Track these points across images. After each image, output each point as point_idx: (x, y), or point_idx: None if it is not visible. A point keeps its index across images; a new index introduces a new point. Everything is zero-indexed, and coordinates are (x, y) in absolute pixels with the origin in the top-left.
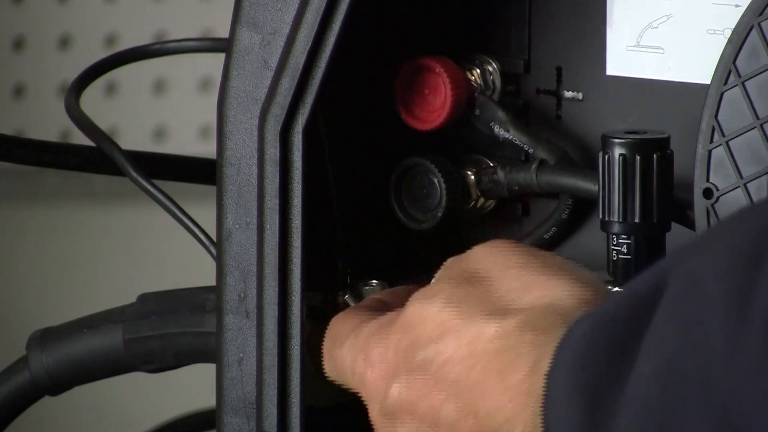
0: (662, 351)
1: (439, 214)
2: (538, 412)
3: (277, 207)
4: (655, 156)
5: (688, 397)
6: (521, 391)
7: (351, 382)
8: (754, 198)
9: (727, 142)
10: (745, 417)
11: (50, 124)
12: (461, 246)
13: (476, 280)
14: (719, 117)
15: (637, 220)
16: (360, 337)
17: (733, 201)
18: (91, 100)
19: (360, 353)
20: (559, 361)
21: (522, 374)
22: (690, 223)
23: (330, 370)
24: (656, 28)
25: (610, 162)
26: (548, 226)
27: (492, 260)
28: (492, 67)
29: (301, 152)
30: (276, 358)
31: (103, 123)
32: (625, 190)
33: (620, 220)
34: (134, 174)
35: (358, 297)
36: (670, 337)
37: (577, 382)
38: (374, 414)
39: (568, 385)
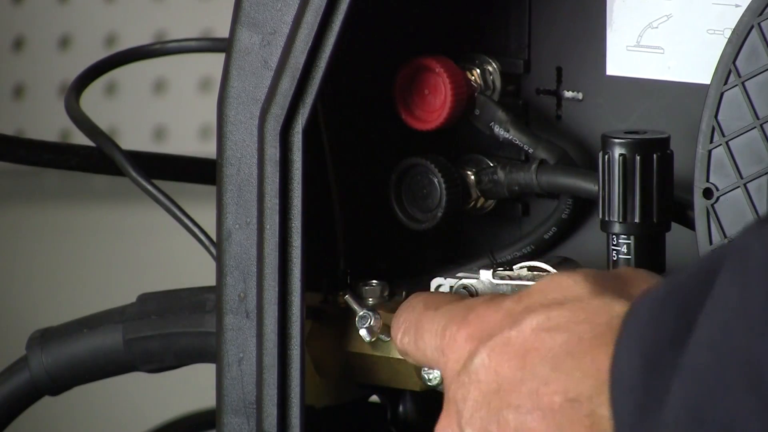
0: (717, 320)
1: (439, 214)
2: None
3: (277, 207)
4: (655, 156)
5: (734, 367)
6: (594, 363)
7: (433, 344)
8: (754, 198)
9: (727, 142)
10: None
11: (50, 124)
12: (461, 246)
13: (616, 277)
14: (719, 117)
15: (637, 220)
16: (464, 303)
17: (733, 201)
18: (91, 100)
19: (462, 314)
20: (628, 324)
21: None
22: (690, 223)
23: (410, 333)
24: (656, 28)
25: (610, 162)
26: (548, 226)
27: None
28: (492, 67)
29: (301, 152)
30: (276, 358)
31: (103, 123)
32: (625, 190)
33: (620, 220)
34: (134, 174)
35: (358, 297)
36: (724, 306)
37: (639, 344)
38: (451, 374)
39: (631, 345)
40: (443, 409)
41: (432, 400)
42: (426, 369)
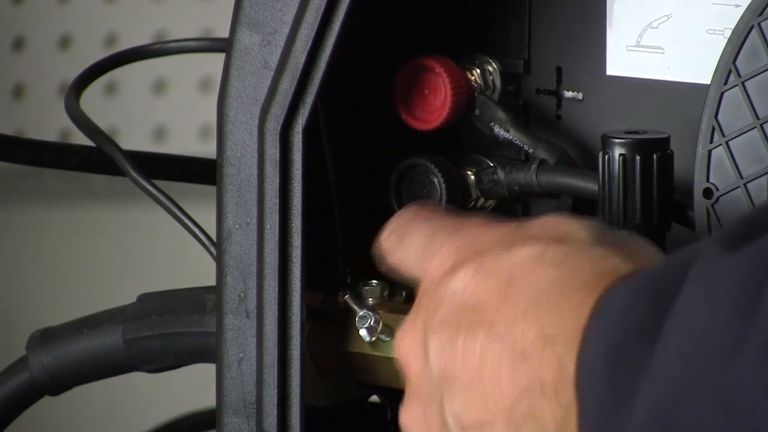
0: (687, 330)
1: None
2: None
3: (277, 207)
4: (655, 156)
5: (703, 381)
6: (577, 308)
7: (417, 247)
8: (754, 198)
9: (727, 142)
10: (749, 406)
11: (50, 124)
12: None
13: (617, 236)
14: (719, 117)
15: (637, 220)
16: (457, 218)
17: (733, 201)
18: (91, 100)
19: (454, 226)
20: (600, 310)
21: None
22: (690, 223)
23: (396, 242)
24: (656, 28)
25: (610, 162)
26: None
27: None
28: (492, 67)
29: (301, 152)
30: (276, 358)
31: (103, 123)
32: (625, 190)
33: (620, 220)
34: (134, 174)
35: (358, 297)
36: (694, 321)
37: (609, 332)
38: (428, 282)
39: (601, 333)
40: (410, 315)
41: None
42: None
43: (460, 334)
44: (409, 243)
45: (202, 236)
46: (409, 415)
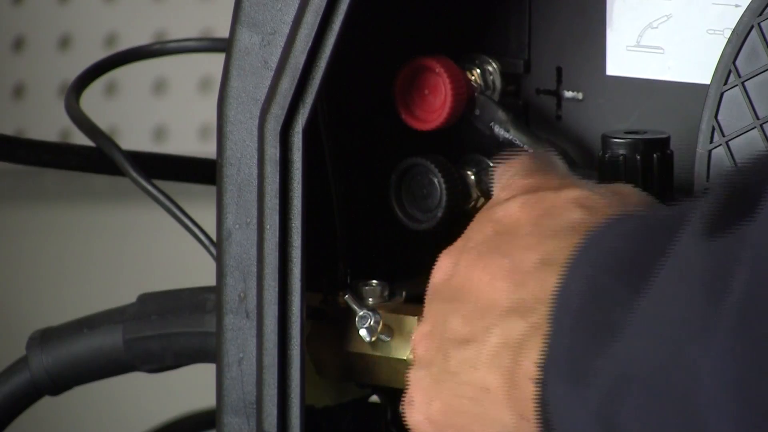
0: (658, 311)
1: (439, 214)
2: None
3: (277, 207)
4: (655, 156)
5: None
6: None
7: (504, 175)
8: None
9: (727, 142)
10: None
11: (50, 124)
12: None
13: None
14: (719, 117)
15: None
16: (542, 160)
17: None
18: (91, 100)
19: (534, 168)
20: (589, 243)
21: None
22: None
23: None
24: (656, 28)
25: (610, 162)
26: None
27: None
28: (492, 67)
29: (301, 152)
30: (276, 358)
31: (103, 123)
32: None
33: None
34: (134, 174)
35: (358, 297)
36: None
37: (593, 269)
38: (487, 206)
39: (586, 268)
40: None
41: None
42: None
43: (485, 255)
44: (498, 175)
45: (202, 236)
46: (420, 330)
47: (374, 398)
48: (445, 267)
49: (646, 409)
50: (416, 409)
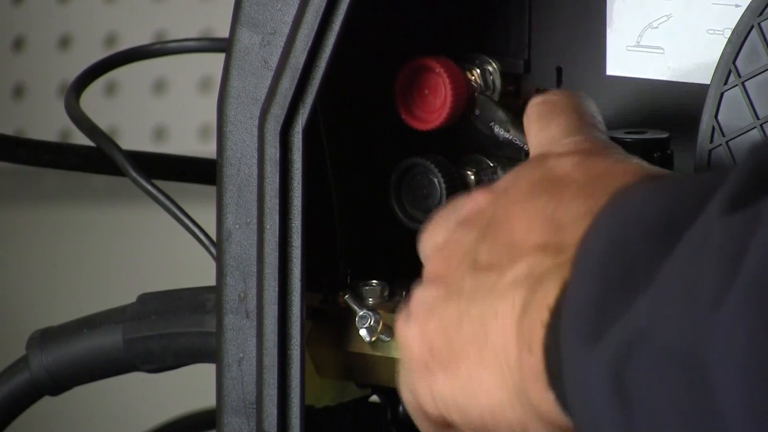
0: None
1: None
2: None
3: (277, 207)
4: (655, 156)
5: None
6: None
7: (546, 132)
8: None
9: (727, 142)
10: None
11: (50, 124)
12: None
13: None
14: (719, 117)
15: None
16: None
17: None
18: (91, 100)
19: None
20: (606, 214)
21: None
22: None
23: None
24: (656, 28)
25: None
26: None
27: None
28: (492, 67)
29: (301, 152)
30: (276, 358)
31: (103, 123)
32: None
33: None
34: (134, 174)
35: (358, 297)
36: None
37: (608, 243)
38: (532, 156)
39: (599, 242)
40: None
41: None
42: None
43: (529, 196)
44: (549, 121)
45: (202, 236)
46: (429, 245)
47: (374, 398)
48: (480, 200)
49: (657, 371)
50: (413, 321)
